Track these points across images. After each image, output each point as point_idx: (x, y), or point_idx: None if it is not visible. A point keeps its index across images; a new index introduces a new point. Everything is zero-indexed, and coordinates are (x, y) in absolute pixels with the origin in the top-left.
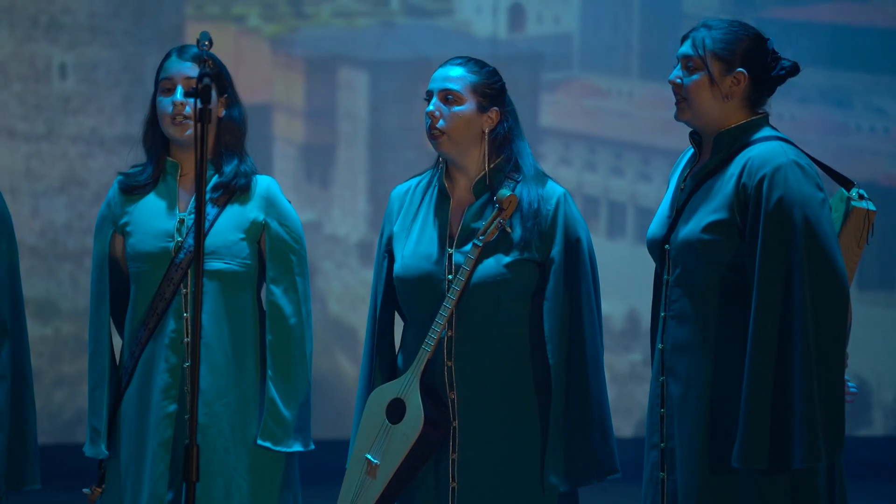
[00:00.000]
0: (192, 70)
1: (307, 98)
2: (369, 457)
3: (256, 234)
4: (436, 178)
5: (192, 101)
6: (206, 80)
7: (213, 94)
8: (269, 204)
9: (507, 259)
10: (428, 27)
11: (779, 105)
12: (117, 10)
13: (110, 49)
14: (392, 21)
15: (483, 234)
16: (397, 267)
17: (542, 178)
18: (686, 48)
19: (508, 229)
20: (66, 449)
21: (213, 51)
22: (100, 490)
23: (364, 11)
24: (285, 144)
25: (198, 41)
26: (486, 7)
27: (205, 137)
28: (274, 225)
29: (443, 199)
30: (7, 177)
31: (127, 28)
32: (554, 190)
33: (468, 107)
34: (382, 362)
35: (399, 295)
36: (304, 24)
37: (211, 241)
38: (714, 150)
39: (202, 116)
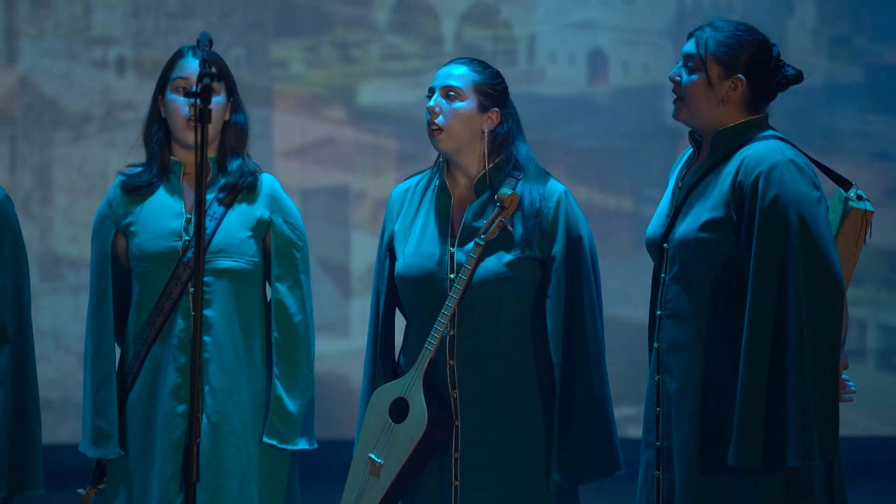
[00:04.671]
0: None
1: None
2: (373, 456)
3: (262, 231)
4: (436, 177)
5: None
6: (207, 80)
7: (223, 95)
8: (274, 202)
9: (509, 257)
10: (523, 94)
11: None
12: None
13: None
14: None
15: (485, 233)
16: (399, 266)
17: (543, 175)
18: (689, 46)
19: (510, 228)
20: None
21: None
22: (95, 490)
23: (415, 53)
24: (365, 235)
25: (198, 41)
26: (561, 54)
27: (205, 138)
28: (279, 222)
29: (444, 197)
30: (49, 319)
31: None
32: (555, 188)
33: (469, 104)
34: (385, 362)
35: (401, 294)
36: (351, 67)
37: (219, 239)
38: (712, 149)
39: (202, 117)
